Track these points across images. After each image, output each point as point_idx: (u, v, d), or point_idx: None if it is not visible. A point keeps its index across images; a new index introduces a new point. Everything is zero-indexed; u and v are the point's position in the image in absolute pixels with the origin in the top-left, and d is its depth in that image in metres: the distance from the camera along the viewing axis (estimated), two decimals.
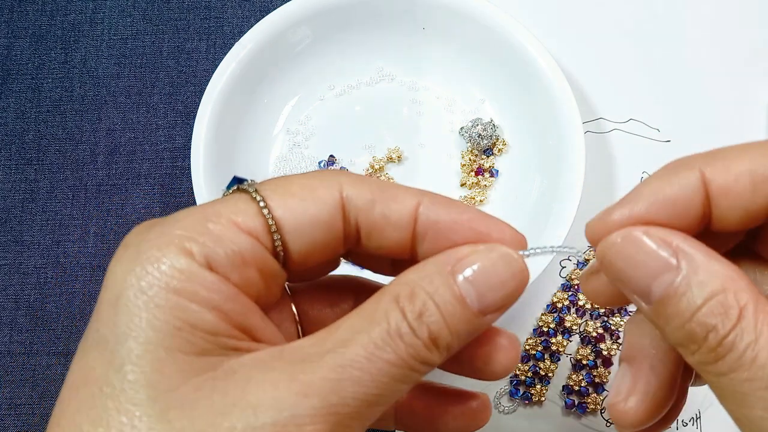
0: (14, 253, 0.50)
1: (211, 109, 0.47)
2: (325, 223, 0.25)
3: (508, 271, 0.24)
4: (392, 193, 0.26)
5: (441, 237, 0.25)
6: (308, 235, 0.25)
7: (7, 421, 0.47)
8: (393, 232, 0.25)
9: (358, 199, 0.25)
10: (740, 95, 0.52)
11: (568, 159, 0.46)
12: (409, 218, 0.25)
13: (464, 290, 0.23)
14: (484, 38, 0.49)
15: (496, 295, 0.24)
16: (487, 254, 0.24)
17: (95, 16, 0.55)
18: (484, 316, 0.24)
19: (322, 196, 0.25)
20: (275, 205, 0.24)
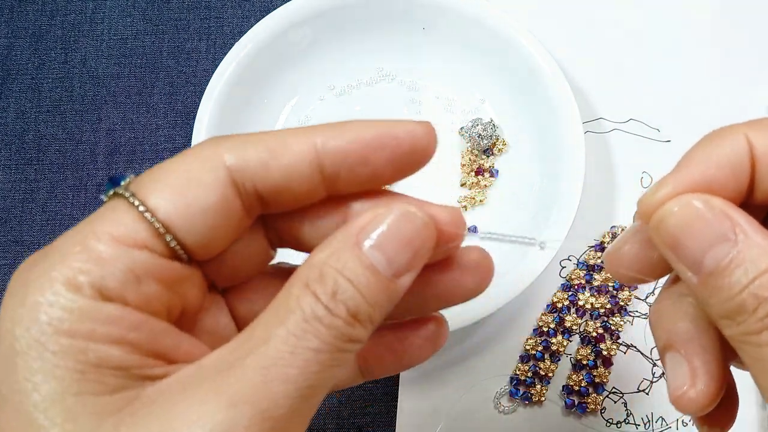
0: (14, 253, 0.50)
1: (211, 109, 0.47)
2: (218, 205, 0.23)
3: (411, 228, 0.23)
4: (282, 142, 0.24)
5: (356, 167, 0.24)
6: (203, 224, 0.23)
7: None
8: (299, 186, 0.24)
9: (247, 166, 0.23)
10: (740, 95, 0.52)
11: (568, 159, 0.46)
12: (309, 165, 0.24)
13: (373, 258, 0.22)
14: (484, 38, 0.49)
15: (405, 255, 0.23)
16: (388, 216, 0.23)
17: (95, 16, 0.55)
18: (398, 279, 0.23)
19: (205, 180, 0.23)
20: (157, 205, 0.23)
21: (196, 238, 0.23)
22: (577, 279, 0.48)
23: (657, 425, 0.46)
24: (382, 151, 0.24)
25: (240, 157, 0.23)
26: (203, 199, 0.23)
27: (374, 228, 0.23)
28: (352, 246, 0.23)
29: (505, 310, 0.46)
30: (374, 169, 0.24)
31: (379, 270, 0.23)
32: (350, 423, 0.47)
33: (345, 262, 0.22)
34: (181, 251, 0.23)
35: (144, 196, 0.23)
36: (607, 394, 0.47)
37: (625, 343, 0.48)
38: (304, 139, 0.24)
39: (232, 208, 0.24)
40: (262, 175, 0.23)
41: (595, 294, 0.48)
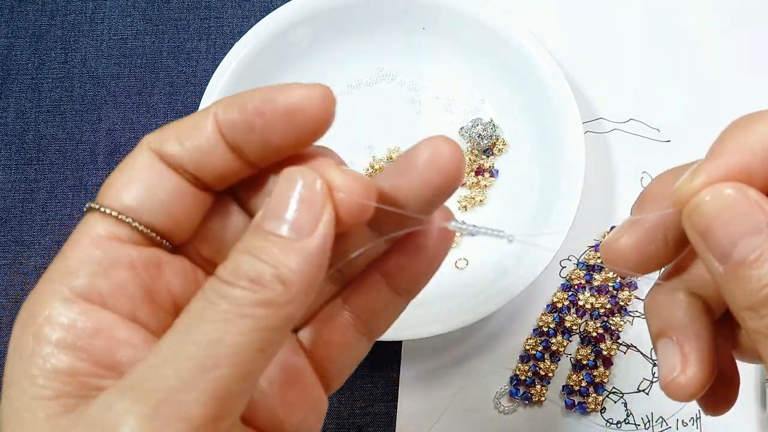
0: (14, 253, 0.50)
1: None
2: (163, 186, 0.24)
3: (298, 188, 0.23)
4: (192, 122, 0.24)
5: (245, 136, 0.24)
6: (160, 205, 0.24)
7: None
8: (216, 160, 0.24)
9: (170, 148, 0.24)
10: (741, 95, 0.52)
11: (568, 159, 0.46)
12: (213, 140, 0.24)
13: (270, 227, 0.22)
14: (484, 38, 0.49)
15: (299, 213, 0.22)
16: (278, 187, 0.23)
17: (95, 16, 0.55)
18: (306, 238, 0.22)
19: (140, 165, 0.24)
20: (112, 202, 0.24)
21: (161, 219, 0.24)
22: (577, 279, 0.48)
23: (657, 425, 0.46)
24: (263, 117, 0.24)
25: (161, 143, 0.24)
26: (149, 183, 0.24)
27: (268, 201, 0.23)
28: (256, 227, 0.23)
29: (505, 310, 0.46)
30: (263, 137, 0.24)
31: (278, 234, 0.22)
32: (350, 423, 0.47)
33: (249, 241, 0.23)
34: (154, 235, 0.24)
35: (101, 199, 0.24)
36: (607, 394, 0.47)
37: (625, 343, 0.48)
38: (207, 116, 0.24)
39: (178, 187, 0.24)
40: (187, 156, 0.24)
41: (595, 294, 0.48)
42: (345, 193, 0.23)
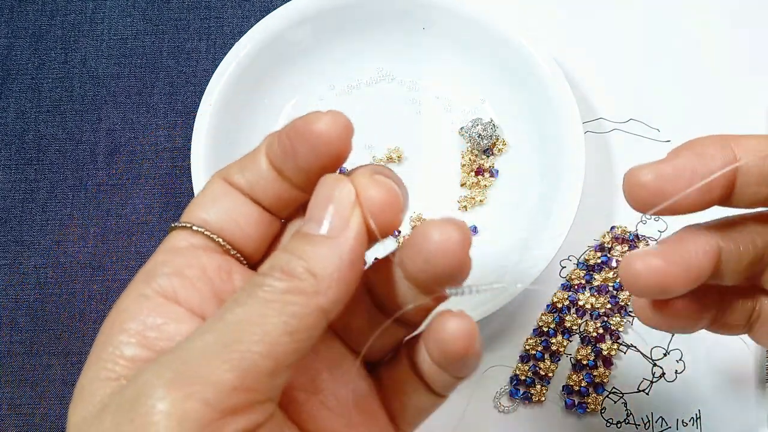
0: (14, 253, 0.50)
1: (211, 109, 0.47)
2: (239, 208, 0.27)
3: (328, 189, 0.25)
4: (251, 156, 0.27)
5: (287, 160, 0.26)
6: (241, 226, 0.27)
7: (7, 421, 0.47)
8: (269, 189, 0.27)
9: (239, 179, 0.27)
10: (740, 95, 0.52)
11: (568, 159, 0.46)
12: (266, 168, 0.27)
13: (307, 228, 0.24)
14: (484, 38, 0.49)
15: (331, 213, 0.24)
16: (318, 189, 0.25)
17: (95, 16, 0.55)
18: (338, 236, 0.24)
19: (216, 191, 0.27)
20: (200, 220, 0.27)
21: (236, 235, 0.27)
22: (577, 279, 0.48)
23: (657, 425, 0.46)
24: (291, 143, 0.26)
25: (227, 173, 0.27)
26: (224, 205, 0.27)
27: (308, 208, 0.25)
28: (295, 233, 0.25)
29: (505, 310, 0.46)
30: (294, 162, 0.26)
31: (307, 232, 0.24)
32: None
33: (287, 243, 0.25)
34: (229, 246, 0.27)
35: (182, 220, 0.27)
36: (607, 394, 0.47)
37: (625, 343, 0.48)
38: (263, 145, 0.27)
39: (250, 210, 0.27)
40: (243, 185, 0.27)
41: (595, 294, 0.48)
42: (369, 199, 0.25)
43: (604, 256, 0.49)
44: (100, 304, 0.49)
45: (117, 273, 0.50)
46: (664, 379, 0.47)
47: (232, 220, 0.27)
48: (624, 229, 0.49)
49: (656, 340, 0.47)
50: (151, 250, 0.50)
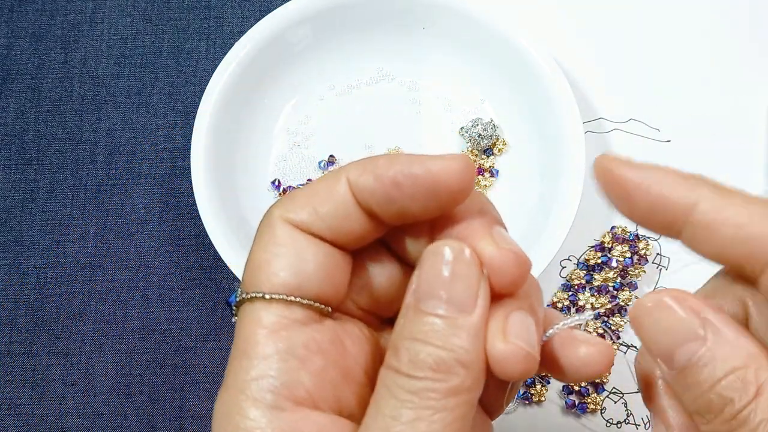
0: (14, 253, 0.50)
1: (211, 109, 0.47)
2: (309, 254, 0.24)
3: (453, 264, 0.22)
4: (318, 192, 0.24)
5: (382, 204, 0.23)
6: (324, 277, 0.24)
7: (7, 421, 0.47)
8: (356, 226, 0.24)
9: (307, 220, 0.24)
10: (740, 95, 0.52)
11: (568, 159, 0.46)
12: (349, 206, 0.24)
13: (431, 308, 0.22)
14: (484, 38, 0.49)
15: (458, 291, 0.22)
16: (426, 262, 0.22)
17: (95, 16, 0.55)
18: (468, 314, 0.22)
19: (283, 238, 0.24)
20: (269, 282, 0.23)
21: (321, 287, 0.24)
22: (577, 279, 0.48)
23: None
24: (401, 189, 0.23)
25: (294, 215, 0.24)
26: (298, 255, 0.23)
27: (422, 282, 0.22)
28: (413, 309, 0.22)
29: None
30: (401, 206, 0.23)
31: (440, 314, 0.22)
32: None
33: (412, 326, 0.22)
34: (323, 306, 0.24)
35: (257, 285, 0.23)
36: (607, 394, 0.47)
37: (625, 343, 0.48)
38: (339, 179, 0.24)
39: (324, 251, 0.24)
40: (317, 224, 0.24)
41: (595, 294, 0.48)
42: (499, 269, 0.22)
43: (604, 256, 0.48)
44: (100, 304, 0.49)
45: (117, 273, 0.50)
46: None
47: (312, 269, 0.23)
48: (624, 229, 0.49)
49: None
50: (151, 250, 0.50)
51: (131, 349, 0.48)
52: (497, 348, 0.22)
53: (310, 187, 0.24)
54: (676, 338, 0.23)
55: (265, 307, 0.23)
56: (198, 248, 0.50)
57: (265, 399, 0.22)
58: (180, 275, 0.49)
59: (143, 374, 0.48)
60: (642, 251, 0.48)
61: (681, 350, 0.23)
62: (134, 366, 0.48)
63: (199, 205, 0.45)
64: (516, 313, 0.23)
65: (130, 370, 0.48)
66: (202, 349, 0.48)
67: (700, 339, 0.22)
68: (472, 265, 0.22)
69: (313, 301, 0.23)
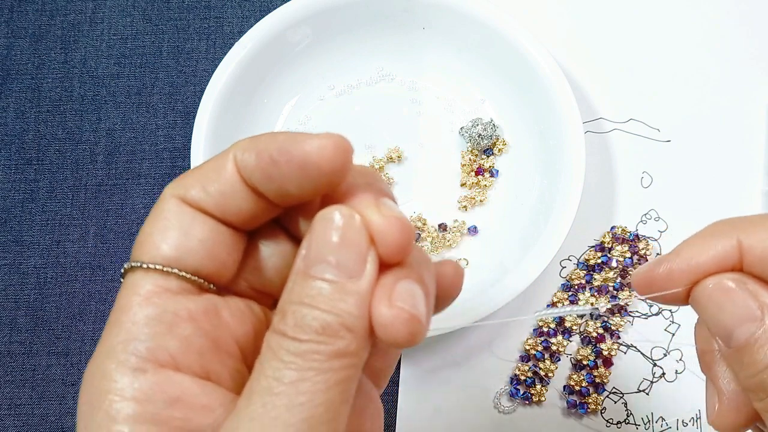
0: (14, 253, 0.50)
1: (211, 109, 0.47)
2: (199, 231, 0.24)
3: (343, 229, 0.22)
4: (211, 168, 0.24)
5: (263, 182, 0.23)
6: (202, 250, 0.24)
7: (7, 421, 0.47)
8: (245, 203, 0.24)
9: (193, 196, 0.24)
10: (740, 95, 0.52)
11: (568, 159, 0.46)
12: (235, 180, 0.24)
13: (318, 272, 0.22)
14: (484, 38, 0.49)
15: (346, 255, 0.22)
16: (314, 227, 0.22)
17: (95, 16, 0.55)
18: (357, 278, 0.22)
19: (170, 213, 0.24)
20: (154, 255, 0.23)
21: (205, 263, 0.24)
22: (577, 279, 0.48)
23: (657, 425, 0.46)
24: (278, 167, 0.23)
25: (184, 192, 0.24)
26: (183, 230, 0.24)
27: (311, 249, 0.22)
28: (302, 275, 0.22)
29: (506, 310, 0.46)
30: (279, 185, 0.23)
31: (328, 278, 0.22)
32: None
33: (300, 290, 0.22)
34: (202, 281, 0.24)
35: (139, 256, 0.24)
36: (607, 394, 0.47)
37: (626, 343, 0.48)
38: (223, 159, 0.24)
39: (212, 228, 0.24)
40: (206, 202, 0.24)
41: (595, 294, 0.48)
42: (384, 236, 0.22)
43: (604, 256, 0.48)
44: (99, 304, 0.49)
45: (117, 273, 0.50)
46: (664, 379, 0.47)
47: (196, 244, 0.23)
48: (624, 229, 0.49)
49: (656, 340, 0.48)
50: None
51: None
52: (381, 312, 0.22)
53: (202, 165, 0.24)
54: (734, 318, 0.24)
55: (142, 276, 0.23)
56: None
57: (128, 361, 0.22)
58: None
59: None
60: (642, 251, 0.48)
61: (738, 330, 0.24)
62: None
63: None
64: (403, 281, 0.22)
65: None
66: None
67: (758, 320, 0.24)
68: (362, 231, 0.22)
69: (191, 275, 0.23)
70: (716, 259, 0.25)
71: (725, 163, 0.51)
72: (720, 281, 0.25)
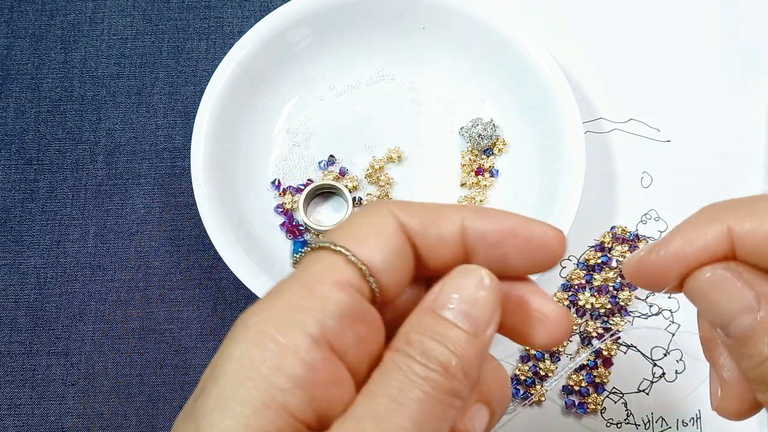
0: (14, 253, 0.50)
1: (211, 109, 0.47)
2: (402, 252, 0.25)
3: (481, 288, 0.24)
4: (437, 212, 0.26)
5: (491, 248, 0.26)
6: (395, 268, 0.25)
7: (7, 421, 0.47)
8: (446, 252, 0.26)
9: (411, 223, 0.26)
10: (740, 95, 0.52)
11: (568, 159, 0.46)
12: (458, 235, 0.26)
13: (452, 317, 0.24)
14: (484, 38, 0.49)
15: (481, 313, 0.24)
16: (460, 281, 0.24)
17: (95, 16, 0.55)
18: (481, 334, 0.24)
19: (388, 228, 0.25)
20: (357, 250, 0.24)
21: (390, 281, 0.25)
22: (577, 279, 0.48)
23: (657, 425, 0.46)
24: (515, 239, 0.26)
25: (406, 215, 0.26)
26: (392, 245, 0.25)
27: (447, 294, 0.24)
28: (429, 313, 0.24)
29: None
30: (504, 254, 0.26)
31: (460, 326, 0.24)
32: None
33: (427, 326, 0.24)
34: (378, 295, 0.25)
35: (347, 244, 0.25)
36: (607, 394, 0.47)
37: (625, 343, 0.48)
38: (456, 213, 0.26)
39: (408, 255, 0.26)
40: (422, 235, 0.26)
41: (595, 294, 0.48)
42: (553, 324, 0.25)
43: (604, 256, 0.49)
44: (99, 304, 0.49)
45: (117, 273, 0.50)
46: (664, 379, 0.47)
47: (397, 267, 0.25)
48: (624, 229, 0.49)
49: (656, 341, 0.47)
50: (151, 250, 0.50)
51: (131, 349, 0.48)
52: None
53: (432, 205, 0.26)
54: (730, 309, 0.24)
55: (344, 265, 0.24)
56: (198, 248, 0.50)
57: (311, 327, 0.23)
58: (180, 275, 0.49)
59: (143, 374, 0.48)
60: None
61: (736, 321, 0.24)
62: (134, 366, 0.48)
63: (199, 205, 0.45)
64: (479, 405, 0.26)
65: (130, 370, 0.48)
66: (202, 349, 0.48)
67: (755, 311, 0.24)
68: (497, 294, 0.24)
69: (377, 290, 0.25)
70: (707, 248, 0.25)
71: (725, 163, 0.51)
72: (714, 271, 0.25)
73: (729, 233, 0.25)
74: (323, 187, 0.49)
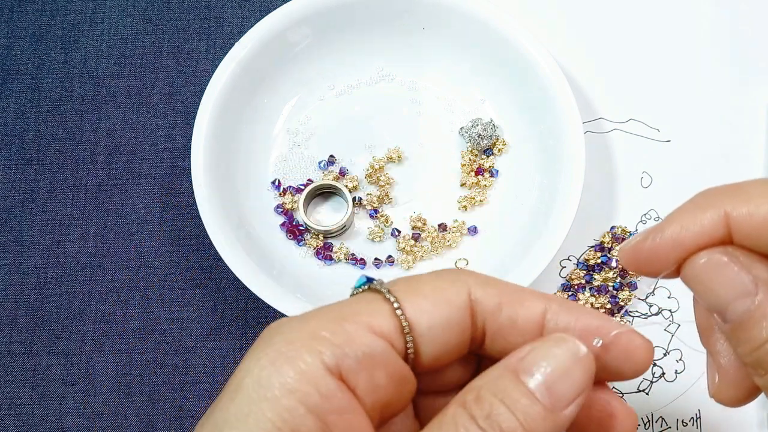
0: (14, 253, 0.50)
1: (211, 109, 0.47)
2: (456, 325, 0.24)
3: (574, 362, 0.23)
4: (519, 296, 0.25)
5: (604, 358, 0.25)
6: (440, 337, 0.24)
7: (7, 421, 0.47)
8: (518, 337, 0.25)
9: (487, 301, 0.25)
10: (740, 95, 0.52)
11: (568, 159, 0.46)
12: (537, 324, 0.25)
13: (533, 386, 0.23)
14: (484, 38, 0.49)
15: (568, 389, 0.23)
16: (553, 348, 0.23)
17: (95, 16, 0.55)
18: (562, 411, 0.23)
19: (452, 298, 0.24)
20: (408, 307, 0.24)
21: (430, 347, 0.24)
22: (577, 279, 0.48)
23: (657, 425, 0.46)
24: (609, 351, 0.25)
25: (483, 292, 0.25)
26: (447, 315, 0.24)
27: (535, 359, 0.23)
28: (511, 374, 0.23)
29: None
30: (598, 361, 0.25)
31: (538, 399, 0.23)
32: None
33: (503, 387, 0.23)
34: (412, 355, 0.24)
35: (398, 297, 0.24)
36: None
37: None
38: (539, 302, 0.25)
39: (465, 332, 0.25)
40: (494, 315, 0.25)
41: (595, 294, 0.48)
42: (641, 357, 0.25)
43: (604, 256, 0.49)
44: (99, 304, 0.49)
45: (117, 273, 0.50)
46: (664, 379, 0.47)
47: (444, 340, 0.24)
48: (624, 229, 0.49)
49: (656, 340, 0.48)
50: (151, 250, 0.50)
51: (131, 349, 0.48)
52: None
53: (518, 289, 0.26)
54: (727, 294, 0.24)
55: (389, 314, 0.24)
56: (198, 248, 0.50)
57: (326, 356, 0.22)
58: (180, 275, 0.49)
59: (143, 374, 0.48)
60: None
61: (733, 306, 0.24)
62: (134, 366, 0.48)
63: (199, 205, 0.45)
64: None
65: (130, 370, 0.48)
66: (202, 349, 0.48)
67: (752, 295, 0.23)
68: (590, 373, 0.23)
69: (411, 345, 0.24)
70: (703, 233, 0.25)
71: (725, 163, 0.51)
72: (711, 256, 0.24)
73: (725, 218, 0.24)
74: (323, 187, 0.49)
